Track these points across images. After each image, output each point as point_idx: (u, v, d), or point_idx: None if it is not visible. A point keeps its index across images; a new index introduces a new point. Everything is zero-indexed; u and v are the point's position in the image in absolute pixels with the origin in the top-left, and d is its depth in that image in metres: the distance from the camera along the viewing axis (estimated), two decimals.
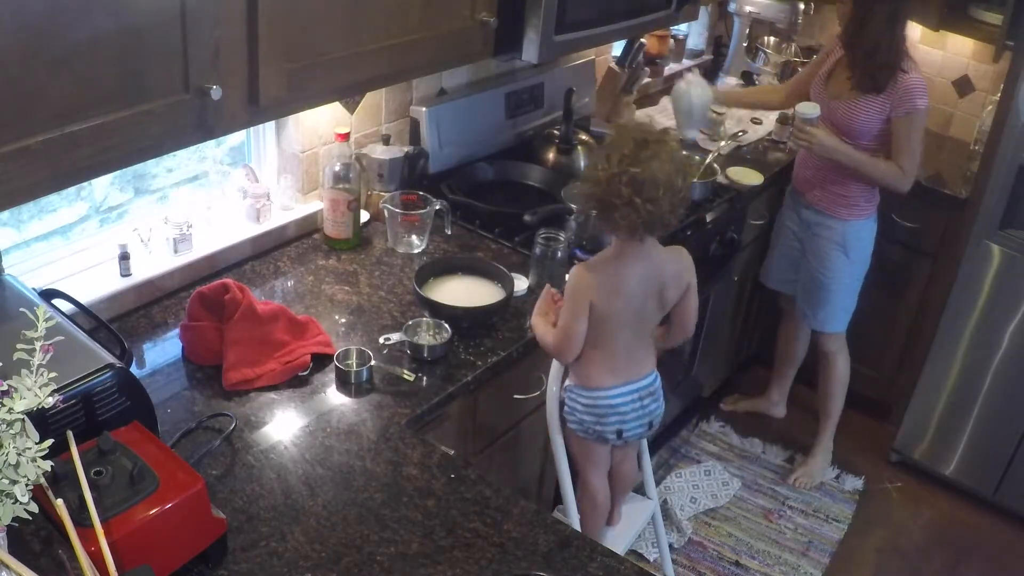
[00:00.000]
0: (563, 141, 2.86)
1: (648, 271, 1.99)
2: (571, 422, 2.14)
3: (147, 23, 1.42)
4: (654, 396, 2.15)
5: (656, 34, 3.54)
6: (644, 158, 1.85)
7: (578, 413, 2.11)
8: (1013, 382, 3.08)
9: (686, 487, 3.22)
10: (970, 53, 3.55)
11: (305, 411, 1.81)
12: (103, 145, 1.42)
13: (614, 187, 1.86)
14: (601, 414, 2.09)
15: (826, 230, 2.99)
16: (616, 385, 2.07)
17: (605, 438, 2.14)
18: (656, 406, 2.17)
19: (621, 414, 2.10)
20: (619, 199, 1.86)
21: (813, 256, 3.07)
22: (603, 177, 1.88)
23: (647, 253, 1.98)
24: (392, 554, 1.50)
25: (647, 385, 2.12)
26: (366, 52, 1.85)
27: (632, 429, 2.14)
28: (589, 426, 2.11)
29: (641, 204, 1.84)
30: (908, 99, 2.68)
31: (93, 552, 1.19)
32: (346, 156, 2.30)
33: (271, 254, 2.30)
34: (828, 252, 3.01)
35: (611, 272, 1.97)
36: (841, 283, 3.05)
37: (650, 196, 1.84)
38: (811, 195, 3.00)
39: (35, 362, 1.16)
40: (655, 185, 1.84)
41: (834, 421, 3.32)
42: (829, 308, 3.10)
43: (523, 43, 2.25)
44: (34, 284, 1.81)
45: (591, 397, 2.08)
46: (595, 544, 1.59)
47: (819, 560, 3.01)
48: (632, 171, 1.84)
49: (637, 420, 2.13)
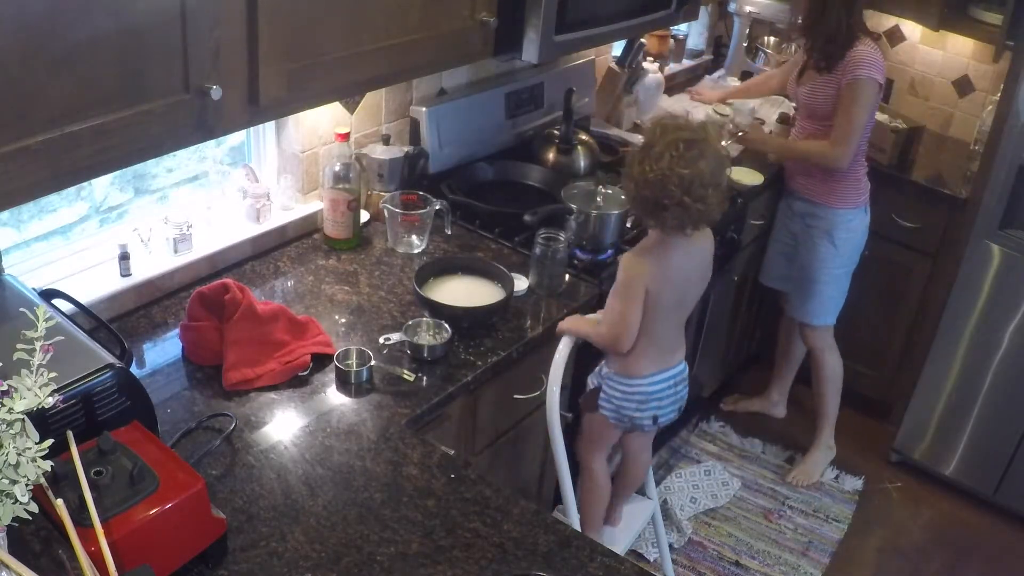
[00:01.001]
0: (563, 141, 2.86)
1: (691, 260, 2.06)
2: (606, 409, 2.19)
3: (147, 23, 1.42)
4: (685, 382, 2.23)
5: (656, 34, 3.53)
6: (691, 158, 1.89)
7: (616, 400, 2.15)
8: (1013, 382, 3.08)
9: (686, 487, 3.22)
10: (970, 53, 3.55)
11: (305, 411, 1.81)
12: (103, 145, 1.42)
13: (664, 188, 1.90)
14: (641, 401, 2.15)
15: (815, 220, 3.02)
16: (655, 373, 2.13)
17: (640, 424, 2.19)
18: (685, 391, 2.25)
19: (659, 400, 2.16)
20: (670, 199, 1.90)
21: (805, 248, 3.09)
22: (653, 179, 1.91)
23: (691, 243, 2.04)
24: (392, 554, 1.50)
25: (680, 372, 2.20)
26: (366, 52, 1.85)
27: (667, 414, 2.21)
28: (626, 413, 2.17)
29: (691, 203, 1.90)
30: (851, 69, 2.71)
31: (93, 552, 1.19)
32: (346, 156, 2.30)
33: (271, 254, 2.30)
34: (817, 242, 3.03)
35: (661, 258, 2.02)
36: (829, 274, 3.06)
37: (700, 195, 1.90)
38: (799, 183, 3.04)
39: (35, 362, 1.16)
40: (703, 184, 1.89)
41: (829, 421, 3.32)
42: (817, 300, 3.11)
43: (523, 43, 2.25)
44: (34, 284, 1.81)
45: (632, 385, 2.13)
46: (595, 544, 1.59)
47: (819, 560, 3.01)
48: (681, 172, 1.88)
49: (671, 405, 2.21)
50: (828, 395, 3.27)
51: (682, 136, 1.91)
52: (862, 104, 2.73)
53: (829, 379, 3.24)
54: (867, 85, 2.71)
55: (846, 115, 2.75)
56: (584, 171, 2.83)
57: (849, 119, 2.75)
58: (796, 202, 3.08)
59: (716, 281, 2.99)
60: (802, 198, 3.04)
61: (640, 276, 2.01)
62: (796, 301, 3.18)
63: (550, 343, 2.15)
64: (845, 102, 2.74)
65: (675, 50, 3.77)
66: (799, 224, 3.10)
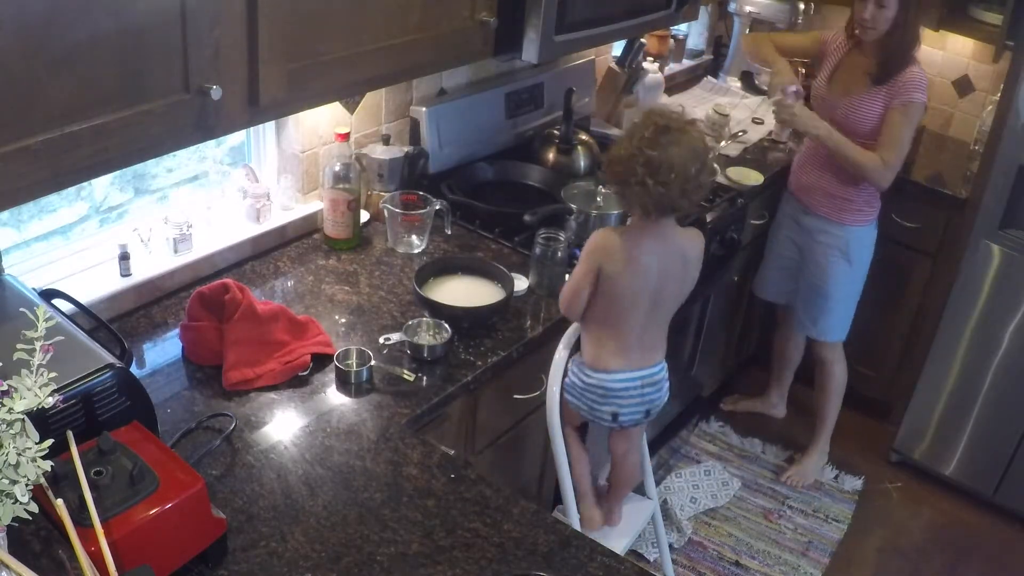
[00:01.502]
0: (563, 141, 2.86)
1: (664, 251, 2.05)
2: (569, 393, 2.18)
3: (147, 23, 1.42)
4: (656, 386, 2.18)
5: (656, 34, 3.54)
6: (663, 143, 1.92)
7: (577, 388, 2.15)
8: (1013, 382, 3.08)
9: (686, 487, 3.22)
10: (970, 53, 3.55)
11: (305, 411, 1.81)
12: (103, 145, 1.42)
13: (631, 166, 1.93)
14: (601, 395, 2.13)
15: (828, 236, 2.96)
16: (620, 370, 2.11)
17: (598, 418, 2.18)
18: (657, 396, 2.20)
19: (620, 398, 2.14)
20: (634, 177, 1.93)
21: (814, 264, 3.03)
22: (623, 155, 1.96)
23: (663, 233, 2.04)
24: (392, 554, 1.50)
25: (653, 374, 2.16)
26: (366, 52, 1.85)
27: (629, 415, 2.17)
28: (585, 402, 2.15)
29: (652, 186, 1.92)
30: (907, 90, 2.67)
31: (93, 552, 1.19)
32: (346, 156, 2.30)
33: (271, 254, 2.30)
34: (830, 259, 2.98)
35: (627, 241, 2.03)
36: (843, 290, 3.03)
37: (663, 179, 1.92)
38: (812, 200, 2.97)
39: (35, 362, 1.16)
40: (669, 169, 1.91)
41: (830, 425, 3.32)
42: (831, 317, 3.07)
43: (523, 43, 2.25)
44: (34, 284, 1.81)
45: (595, 378, 2.12)
46: (595, 544, 1.59)
47: (819, 560, 3.01)
48: (649, 153, 1.92)
49: (635, 407, 2.17)
50: (832, 403, 3.26)
51: (660, 122, 1.95)
52: (913, 127, 2.72)
53: (836, 390, 3.24)
54: (920, 109, 2.71)
55: (899, 136, 2.69)
56: (584, 171, 2.83)
57: (901, 141, 2.69)
58: (806, 217, 3.01)
59: (716, 281, 3.00)
60: (815, 214, 2.97)
61: (597, 249, 2.03)
62: (807, 318, 3.13)
63: (550, 343, 2.15)
64: (898, 123, 2.68)
65: (675, 50, 3.77)
66: (806, 239, 3.04)
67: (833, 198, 2.91)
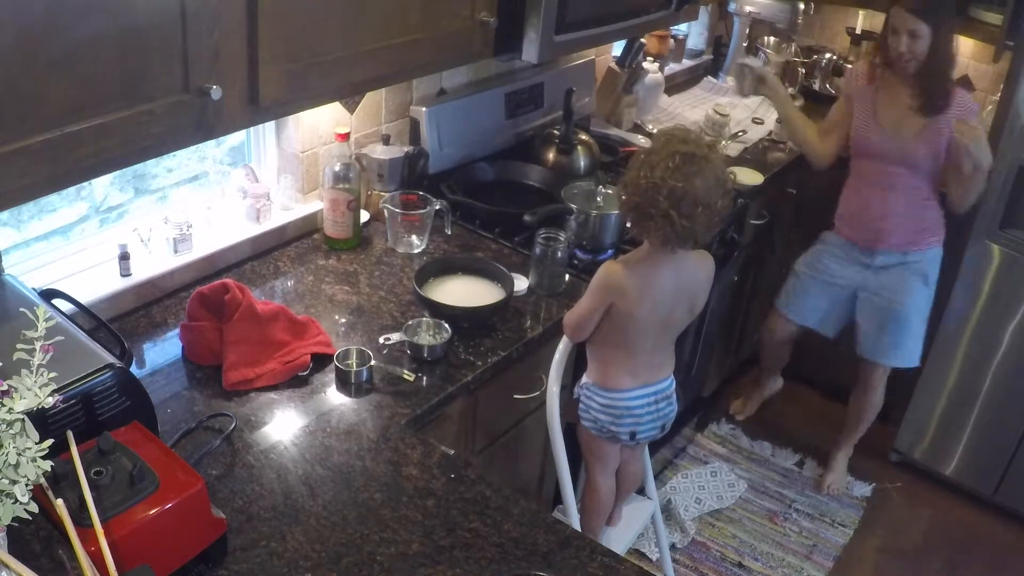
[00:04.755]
0: (563, 141, 2.86)
1: (679, 280, 2.00)
2: (585, 420, 2.15)
3: (147, 23, 1.42)
4: (669, 400, 2.17)
5: (656, 34, 3.54)
6: (689, 173, 1.83)
7: (593, 411, 2.13)
8: (1013, 382, 3.08)
9: (691, 488, 3.22)
10: (970, 53, 3.55)
11: (305, 411, 1.81)
12: (103, 145, 1.42)
13: (653, 197, 1.85)
14: (617, 415, 2.11)
15: (907, 266, 2.92)
16: (634, 387, 2.09)
17: (618, 438, 2.15)
18: (670, 409, 2.18)
19: (636, 416, 2.12)
20: (656, 210, 1.85)
21: (888, 291, 2.96)
22: (644, 185, 1.87)
23: (678, 262, 1.98)
24: (392, 554, 1.50)
25: (664, 389, 2.15)
26: (366, 52, 1.85)
27: (646, 431, 2.16)
28: (604, 425, 2.13)
29: (678, 218, 1.84)
30: (968, 114, 2.66)
31: (93, 552, 1.19)
32: (346, 156, 2.30)
33: (271, 254, 2.30)
34: (910, 284, 2.93)
35: (642, 275, 1.97)
36: (922, 313, 2.98)
37: (688, 212, 1.84)
38: (889, 242, 2.91)
39: (35, 362, 1.16)
40: (694, 202, 1.83)
41: (860, 436, 3.31)
42: (911, 341, 3.00)
43: (523, 43, 2.25)
44: (34, 284, 1.81)
45: (608, 398, 2.10)
46: (595, 544, 1.59)
47: (822, 564, 3.01)
48: (673, 184, 1.83)
49: (651, 423, 2.15)
50: (868, 421, 3.24)
51: (683, 149, 1.86)
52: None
53: (876, 408, 3.20)
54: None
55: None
56: (584, 171, 2.83)
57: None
58: (877, 256, 2.94)
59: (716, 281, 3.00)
60: (890, 252, 2.92)
61: (609, 288, 1.97)
62: (885, 346, 3.02)
63: (550, 343, 2.15)
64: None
65: (675, 50, 3.77)
66: (876, 275, 2.96)
67: (913, 230, 2.88)
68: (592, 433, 2.17)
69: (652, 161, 1.88)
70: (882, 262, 2.96)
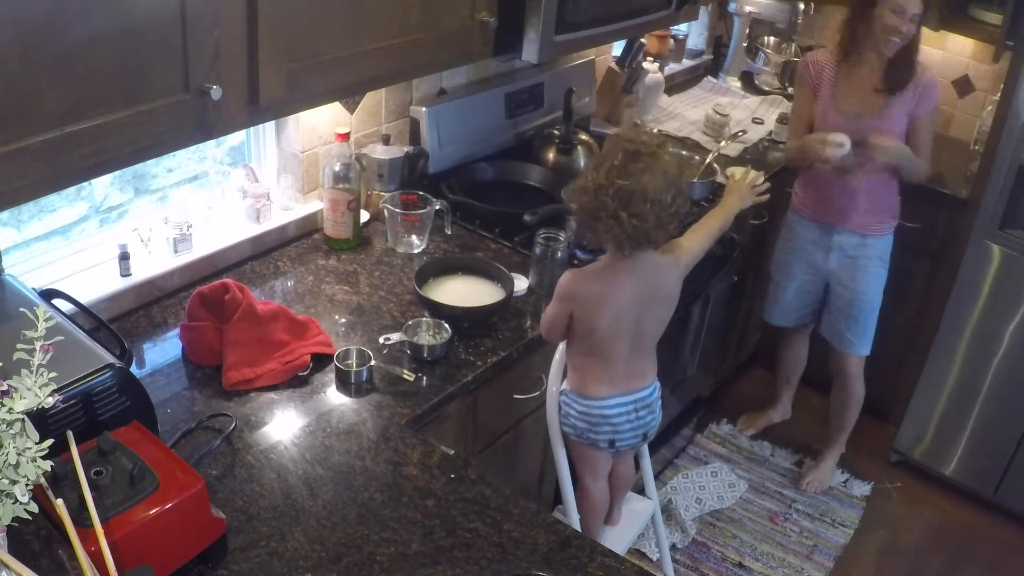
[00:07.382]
0: (563, 141, 2.86)
1: (644, 285, 1.95)
2: (565, 426, 2.13)
3: (147, 23, 1.42)
4: (650, 408, 2.13)
5: (656, 34, 3.54)
6: (634, 171, 1.79)
7: (572, 418, 2.10)
8: (1013, 382, 3.08)
9: (692, 488, 3.21)
10: (970, 53, 3.55)
11: (305, 411, 1.81)
12: (103, 145, 1.42)
13: (600, 198, 1.81)
14: (594, 423, 2.08)
15: (867, 249, 2.95)
16: (611, 396, 2.06)
17: (598, 446, 2.13)
18: (651, 418, 2.14)
19: (614, 425, 2.09)
20: (604, 211, 1.81)
21: (852, 280, 2.99)
22: (590, 186, 1.83)
23: (641, 267, 1.93)
24: (392, 554, 1.50)
25: (644, 397, 2.10)
26: (366, 52, 1.85)
27: (625, 440, 2.13)
28: (583, 432, 2.11)
29: (627, 218, 1.79)
30: (931, 96, 2.74)
31: (93, 552, 1.19)
32: (346, 156, 2.30)
33: (271, 254, 2.30)
34: (871, 270, 2.96)
35: (600, 284, 1.93)
36: (879, 299, 3.02)
37: (636, 210, 1.79)
38: (852, 222, 2.92)
39: (35, 362, 1.16)
40: (643, 199, 1.79)
41: (848, 431, 3.31)
42: (871, 328, 3.05)
43: (523, 43, 2.25)
44: (34, 284, 1.81)
45: (586, 405, 2.07)
46: (595, 544, 1.59)
47: (823, 564, 3.00)
48: (619, 183, 1.79)
49: (631, 431, 2.12)
50: (854, 412, 3.24)
51: (629, 147, 1.82)
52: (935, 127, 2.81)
53: (858, 399, 3.21)
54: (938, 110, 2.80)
55: (930, 141, 2.79)
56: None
57: (930, 143, 2.79)
58: (838, 236, 2.96)
59: (716, 281, 3.00)
60: (849, 232, 2.94)
61: (563, 299, 1.94)
62: (851, 335, 3.06)
63: (550, 343, 2.15)
64: (928, 128, 2.77)
65: (675, 50, 3.77)
66: (841, 259, 2.99)
67: (874, 213, 2.90)
68: (573, 440, 2.16)
69: (598, 162, 1.85)
70: (842, 242, 2.97)
